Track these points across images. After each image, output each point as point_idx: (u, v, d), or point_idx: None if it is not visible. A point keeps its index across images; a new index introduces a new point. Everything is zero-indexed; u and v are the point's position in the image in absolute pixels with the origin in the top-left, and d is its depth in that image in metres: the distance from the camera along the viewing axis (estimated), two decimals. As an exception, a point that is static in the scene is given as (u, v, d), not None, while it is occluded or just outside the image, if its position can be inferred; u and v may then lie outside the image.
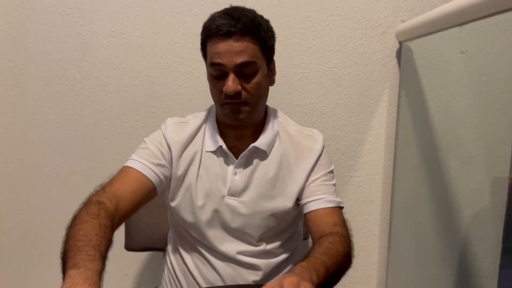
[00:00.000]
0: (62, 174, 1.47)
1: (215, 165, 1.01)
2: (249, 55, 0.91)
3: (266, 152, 1.01)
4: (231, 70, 0.91)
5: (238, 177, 1.00)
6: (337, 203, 1.00)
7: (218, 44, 0.91)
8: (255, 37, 0.92)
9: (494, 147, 1.45)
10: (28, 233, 1.49)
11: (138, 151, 1.00)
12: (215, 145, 1.00)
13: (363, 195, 1.55)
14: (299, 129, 1.06)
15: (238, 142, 1.01)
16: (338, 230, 0.94)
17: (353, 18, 1.44)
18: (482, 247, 1.48)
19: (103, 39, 1.41)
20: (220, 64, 0.91)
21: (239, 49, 0.90)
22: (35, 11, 1.39)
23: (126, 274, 1.53)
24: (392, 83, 1.49)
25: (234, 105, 0.93)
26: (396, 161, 1.52)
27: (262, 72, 0.95)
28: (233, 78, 0.91)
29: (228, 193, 1.00)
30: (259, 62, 0.94)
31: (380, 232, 1.57)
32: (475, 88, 1.44)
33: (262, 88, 0.97)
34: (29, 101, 1.43)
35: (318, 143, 1.04)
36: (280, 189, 1.01)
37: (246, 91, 0.93)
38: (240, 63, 0.90)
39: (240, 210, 1.00)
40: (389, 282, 1.57)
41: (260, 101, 0.98)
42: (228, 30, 0.89)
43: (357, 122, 1.50)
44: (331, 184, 1.03)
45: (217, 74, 0.93)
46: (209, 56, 0.93)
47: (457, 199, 1.49)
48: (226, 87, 0.91)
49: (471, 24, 1.04)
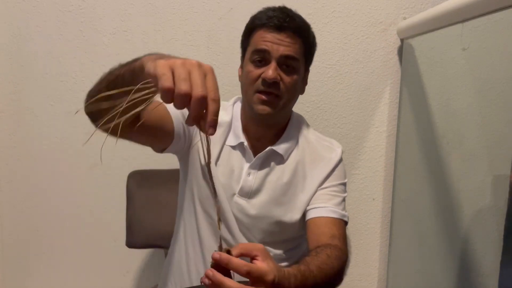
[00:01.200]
0: (62, 172, 1.47)
1: (231, 160, 1.00)
2: (295, 51, 0.93)
3: (283, 156, 1.00)
4: (275, 59, 0.91)
5: (252, 178, 0.99)
6: (341, 215, 0.97)
7: (267, 34, 0.92)
8: (303, 40, 0.94)
9: (495, 145, 1.45)
10: (28, 230, 1.50)
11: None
12: (236, 140, 1.00)
13: (364, 193, 1.55)
14: (318, 138, 1.06)
15: (257, 143, 1.01)
16: (337, 244, 0.90)
17: (355, 15, 1.44)
18: (483, 244, 1.48)
19: (104, 36, 1.41)
20: (265, 51, 0.91)
21: (288, 42, 0.92)
22: (36, 8, 1.39)
23: (127, 271, 1.53)
24: (393, 80, 1.48)
25: (267, 95, 0.92)
26: (397, 159, 1.52)
27: (299, 74, 0.96)
28: (275, 67, 0.91)
29: (240, 192, 0.99)
30: (300, 63, 0.95)
31: (381, 229, 1.57)
32: (477, 85, 1.44)
33: (296, 88, 0.97)
34: (30, 98, 1.43)
35: (335, 154, 1.03)
36: (292, 196, 1.00)
37: (284, 84, 0.93)
38: (285, 55, 0.91)
39: (248, 211, 0.99)
40: (390, 279, 1.57)
41: (291, 101, 0.98)
42: (281, 25, 0.91)
43: (359, 119, 1.50)
44: (340, 196, 1.01)
45: (259, 60, 0.93)
46: (254, 43, 0.94)
47: (458, 197, 1.49)
48: (266, 73, 0.91)
49: (473, 21, 1.04)
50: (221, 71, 1.42)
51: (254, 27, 0.95)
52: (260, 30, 0.93)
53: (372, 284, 1.60)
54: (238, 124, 1.02)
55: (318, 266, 0.81)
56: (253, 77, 0.93)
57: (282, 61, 0.92)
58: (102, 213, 1.49)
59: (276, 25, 0.91)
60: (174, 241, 1.13)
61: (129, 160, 1.46)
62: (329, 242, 0.90)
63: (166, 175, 1.36)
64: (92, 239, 1.50)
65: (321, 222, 0.96)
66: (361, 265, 1.58)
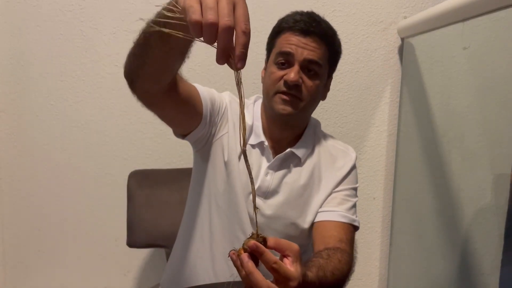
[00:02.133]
0: (63, 171, 1.47)
1: (251, 158, 1.00)
2: (319, 56, 0.93)
3: (301, 159, 1.01)
4: (298, 62, 0.92)
5: (269, 178, 0.99)
6: (351, 220, 0.97)
7: (293, 37, 0.92)
8: (329, 46, 0.95)
9: (496, 144, 1.45)
10: (29, 230, 1.50)
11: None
12: (256, 139, 1.00)
13: (365, 192, 1.55)
14: (334, 144, 1.07)
15: (276, 144, 1.01)
16: (345, 248, 0.90)
17: (355, 14, 1.44)
18: (483, 243, 1.48)
19: (104, 36, 1.41)
20: (289, 54, 0.92)
21: (312, 47, 0.92)
22: (36, 8, 1.39)
23: (128, 270, 1.53)
24: (394, 79, 1.48)
25: (289, 95, 0.93)
26: (398, 158, 1.51)
27: (322, 80, 0.97)
28: (297, 70, 0.92)
29: (257, 191, 0.98)
30: (323, 68, 0.96)
31: (382, 228, 1.57)
32: (478, 84, 1.44)
33: (318, 93, 0.98)
34: (30, 98, 1.43)
35: (350, 158, 1.04)
36: (307, 199, 1.00)
37: (305, 87, 0.93)
38: (309, 59, 0.92)
39: (264, 211, 0.99)
40: (391, 278, 1.57)
41: (311, 106, 0.99)
42: (308, 29, 0.92)
43: (359, 118, 1.50)
44: (351, 201, 1.01)
45: (282, 62, 0.93)
46: (279, 45, 0.94)
47: (459, 196, 1.49)
48: (288, 76, 0.91)
49: (473, 20, 1.04)
50: (220, 71, 1.41)
51: (280, 30, 0.96)
52: (286, 33, 0.94)
53: (373, 283, 1.60)
54: (258, 124, 1.02)
55: (332, 272, 0.82)
56: (275, 78, 0.94)
57: (305, 65, 0.93)
58: (102, 213, 1.49)
59: (302, 29, 0.92)
60: (181, 237, 1.10)
61: (130, 160, 1.46)
62: (337, 245, 0.90)
63: (167, 175, 1.36)
64: (93, 238, 1.50)
65: (331, 225, 0.96)
66: (362, 264, 1.58)
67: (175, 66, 0.79)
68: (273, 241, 0.65)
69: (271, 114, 0.98)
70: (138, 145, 1.46)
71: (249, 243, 0.63)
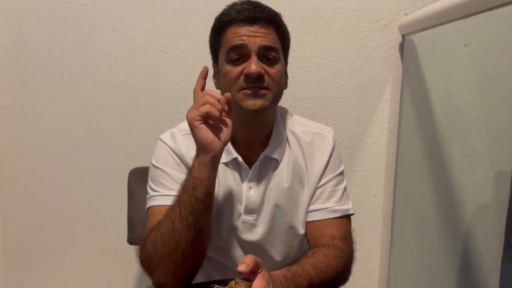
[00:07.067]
0: (64, 168, 1.47)
1: (228, 179, 0.94)
2: (273, 41, 0.86)
3: (277, 160, 0.94)
4: (254, 52, 0.84)
5: (253, 192, 0.93)
6: (343, 212, 0.93)
7: (240, 29, 0.85)
8: (277, 30, 0.88)
9: (497, 141, 1.45)
10: (30, 227, 1.50)
11: (155, 181, 0.91)
12: (228, 157, 0.92)
13: (365, 189, 1.55)
14: (306, 129, 0.98)
15: (249, 152, 0.94)
16: (336, 243, 0.88)
17: (356, 11, 1.43)
18: (484, 241, 1.49)
19: (104, 33, 1.41)
20: (241, 46, 0.84)
21: (263, 33, 0.85)
22: (36, 5, 1.39)
23: (129, 267, 1.54)
24: (395, 76, 1.48)
25: (255, 88, 0.84)
26: (399, 155, 1.51)
27: (282, 65, 0.90)
28: (256, 60, 0.84)
29: (245, 211, 0.94)
30: (280, 53, 0.89)
31: (382, 226, 1.57)
32: (479, 81, 1.44)
33: (282, 80, 0.91)
34: (31, 95, 1.43)
35: (328, 143, 0.97)
36: (295, 199, 0.95)
37: (269, 76, 0.85)
38: (264, 45, 0.84)
39: (257, 226, 0.95)
40: (392, 276, 1.58)
41: (279, 95, 0.91)
42: (253, 16, 0.84)
43: (360, 116, 1.50)
44: (340, 189, 0.96)
45: (236, 58, 0.85)
46: (227, 41, 0.86)
47: (460, 193, 1.49)
48: (248, 68, 0.83)
49: (475, 17, 1.03)
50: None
51: (223, 26, 0.88)
52: (230, 26, 0.86)
53: (373, 281, 1.60)
54: None
55: (313, 264, 0.79)
56: (233, 77, 0.85)
57: (262, 54, 0.85)
58: (103, 210, 1.49)
59: (247, 18, 0.84)
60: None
61: (130, 157, 1.46)
62: (328, 243, 0.88)
63: (168, 172, 1.36)
64: (94, 235, 1.51)
65: (321, 224, 0.93)
66: (362, 262, 1.58)
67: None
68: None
69: (238, 115, 0.87)
70: (138, 142, 1.46)
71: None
